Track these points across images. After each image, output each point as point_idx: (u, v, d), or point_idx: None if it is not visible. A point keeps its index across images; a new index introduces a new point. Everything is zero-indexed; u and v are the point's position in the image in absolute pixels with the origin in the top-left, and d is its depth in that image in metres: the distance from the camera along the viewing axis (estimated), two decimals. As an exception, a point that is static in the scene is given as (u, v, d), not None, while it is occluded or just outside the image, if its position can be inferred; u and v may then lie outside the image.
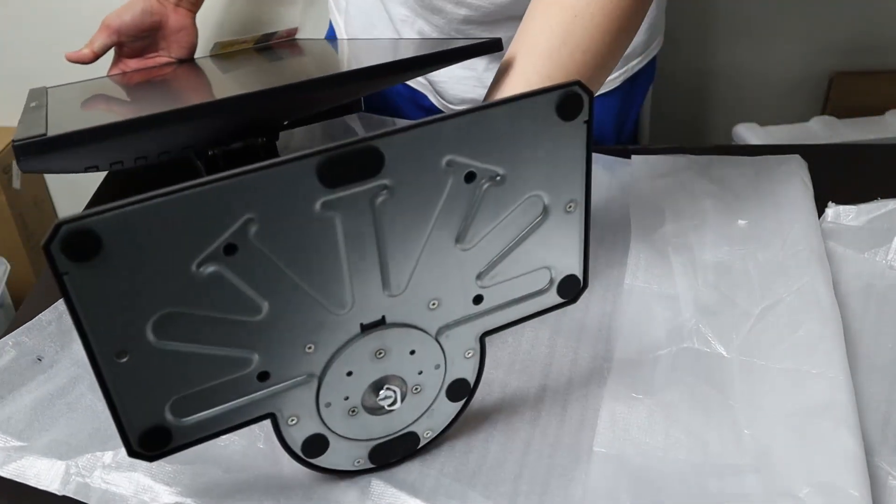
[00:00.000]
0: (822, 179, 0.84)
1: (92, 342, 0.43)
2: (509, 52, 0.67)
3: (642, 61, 1.00)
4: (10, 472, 0.57)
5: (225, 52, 0.96)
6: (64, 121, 0.67)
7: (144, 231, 0.41)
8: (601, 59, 0.65)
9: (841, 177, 0.86)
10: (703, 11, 1.54)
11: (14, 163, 0.60)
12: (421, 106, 1.03)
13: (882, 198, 0.79)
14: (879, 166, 0.92)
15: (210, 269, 0.44)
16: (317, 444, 0.54)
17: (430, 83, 0.97)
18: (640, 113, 1.10)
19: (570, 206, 0.53)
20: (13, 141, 0.61)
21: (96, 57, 0.90)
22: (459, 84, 0.95)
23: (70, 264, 0.40)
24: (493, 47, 0.67)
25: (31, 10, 1.41)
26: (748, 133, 1.46)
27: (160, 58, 0.94)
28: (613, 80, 0.96)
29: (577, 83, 0.49)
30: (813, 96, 1.63)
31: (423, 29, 0.92)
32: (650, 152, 0.90)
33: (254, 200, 0.43)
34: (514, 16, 0.87)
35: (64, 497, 0.56)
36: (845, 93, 1.61)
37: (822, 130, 1.49)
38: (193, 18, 0.95)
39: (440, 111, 1.01)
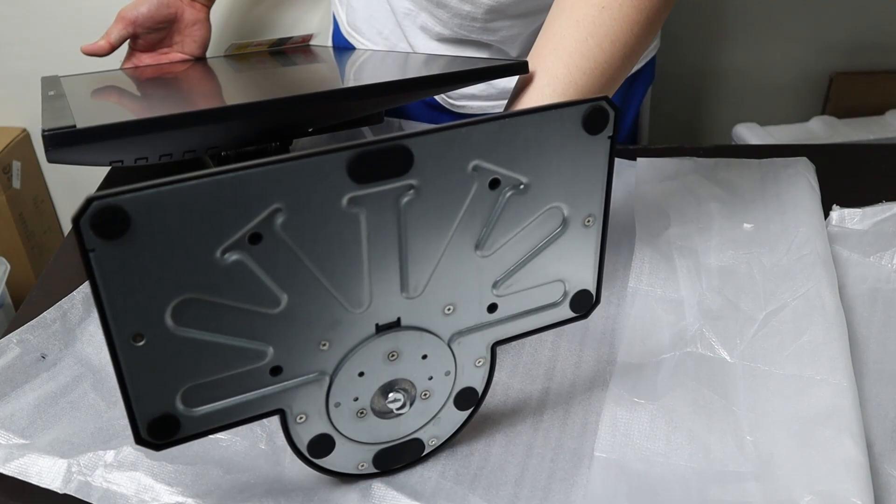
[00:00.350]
0: (823, 180, 0.84)
1: (111, 323, 0.43)
2: (534, 48, 0.67)
3: (639, 64, 0.99)
4: (12, 469, 0.57)
5: (239, 54, 0.95)
6: (90, 113, 0.67)
7: (173, 212, 0.42)
8: (628, 48, 0.65)
9: (842, 177, 0.86)
10: (703, 11, 1.53)
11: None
12: (424, 101, 1.02)
13: (886, 199, 0.79)
14: (881, 167, 0.92)
15: (234, 256, 0.44)
16: (323, 445, 0.54)
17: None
18: (638, 113, 1.09)
19: (588, 220, 0.54)
20: (43, 130, 0.60)
21: (113, 49, 0.90)
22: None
23: (97, 241, 0.41)
24: (519, 69, 0.66)
25: (31, 10, 1.40)
26: (748, 133, 1.46)
27: (173, 54, 0.94)
28: None
29: (605, 98, 0.50)
30: (813, 96, 1.63)
31: (426, 23, 0.91)
32: (654, 153, 0.90)
33: (283, 190, 0.44)
34: (517, 14, 0.86)
35: (65, 495, 0.55)
36: (845, 93, 1.61)
37: (822, 130, 1.49)
38: (208, 14, 0.94)
39: (444, 106, 1.00)
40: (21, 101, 0.75)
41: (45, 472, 0.56)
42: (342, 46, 1.03)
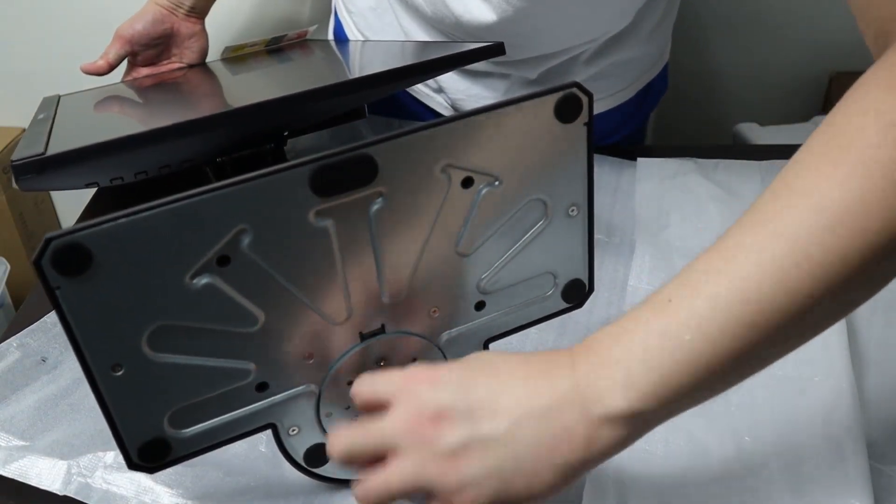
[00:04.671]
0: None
1: (87, 355, 0.41)
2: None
3: (652, 74, 0.96)
4: (13, 471, 0.55)
5: (235, 56, 0.94)
6: (65, 137, 0.66)
7: (135, 244, 0.40)
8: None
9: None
10: (702, 12, 1.51)
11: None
12: (435, 113, 1.00)
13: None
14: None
15: (204, 280, 0.42)
16: (319, 454, 0.52)
17: (452, 102, 0.93)
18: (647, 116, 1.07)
19: (572, 210, 0.51)
20: (11, 161, 0.59)
21: (111, 68, 0.89)
22: (479, 103, 0.92)
23: (61, 279, 0.39)
24: (495, 51, 0.64)
25: (32, 11, 1.38)
26: (748, 133, 1.44)
27: (173, 64, 0.92)
28: (623, 91, 0.93)
29: (576, 84, 0.46)
30: (813, 96, 1.60)
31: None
32: (655, 153, 0.88)
33: (245, 211, 0.41)
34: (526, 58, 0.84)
35: (65, 497, 0.54)
36: (845, 93, 1.58)
37: (822, 130, 1.47)
38: (203, 24, 0.93)
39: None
40: (21, 101, 0.75)
41: (45, 473, 0.55)
42: (342, 39, 1.01)
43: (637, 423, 0.41)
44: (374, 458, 0.42)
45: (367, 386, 0.44)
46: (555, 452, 0.40)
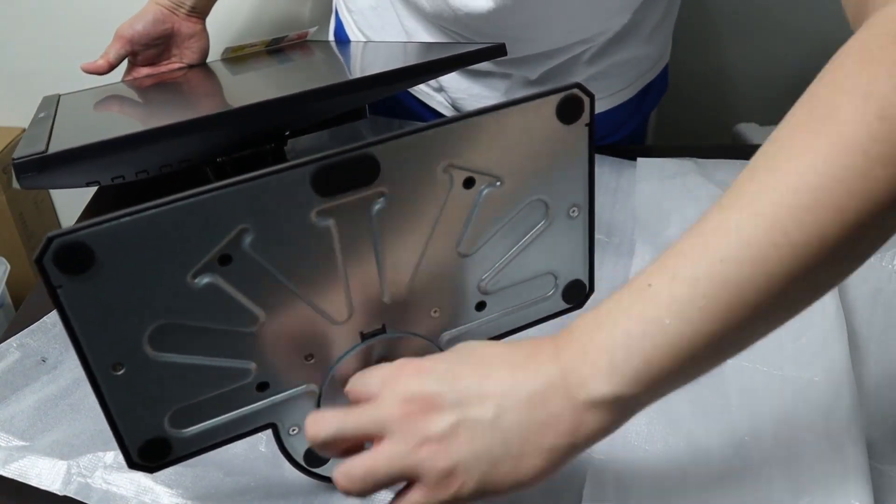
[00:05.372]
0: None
1: (87, 354, 0.41)
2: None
3: (652, 74, 0.97)
4: (12, 471, 0.55)
5: (235, 56, 0.94)
6: (67, 136, 0.65)
7: (137, 243, 0.40)
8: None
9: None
10: (702, 12, 1.51)
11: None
12: (435, 112, 1.00)
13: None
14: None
15: (205, 279, 0.42)
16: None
17: (453, 101, 0.94)
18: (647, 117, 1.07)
19: (573, 211, 0.51)
20: (13, 159, 0.59)
21: (111, 67, 0.89)
22: (480, 103, 0.92)
23: (63, 277, 0.39)
24: (496, 52, 0.64)
25: (32, 11, 1.38)
26: (748, 133, 1.44)
27: (173, 64, 0.92)
28: (624, 91, 0.93)
29: (578, 85, 0.46)
30: (813, 96, 1.60)
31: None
32: (655, 153, 0.88)
33: (248, 210, 0.41)
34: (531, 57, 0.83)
35: (65, 497, 0.54)
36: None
37: (821, 130, 1.46)
38: (204, 24, 0.93)
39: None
40: (21, 101, 0.75)
41: (44, 473, 0.55)
42: (342, 38, 1.01)
43: (622, 407, 0.41)
44: (354, 446, 0.43)
45: (359, 380, 0.45)
46: (542, 437, 0.41)
